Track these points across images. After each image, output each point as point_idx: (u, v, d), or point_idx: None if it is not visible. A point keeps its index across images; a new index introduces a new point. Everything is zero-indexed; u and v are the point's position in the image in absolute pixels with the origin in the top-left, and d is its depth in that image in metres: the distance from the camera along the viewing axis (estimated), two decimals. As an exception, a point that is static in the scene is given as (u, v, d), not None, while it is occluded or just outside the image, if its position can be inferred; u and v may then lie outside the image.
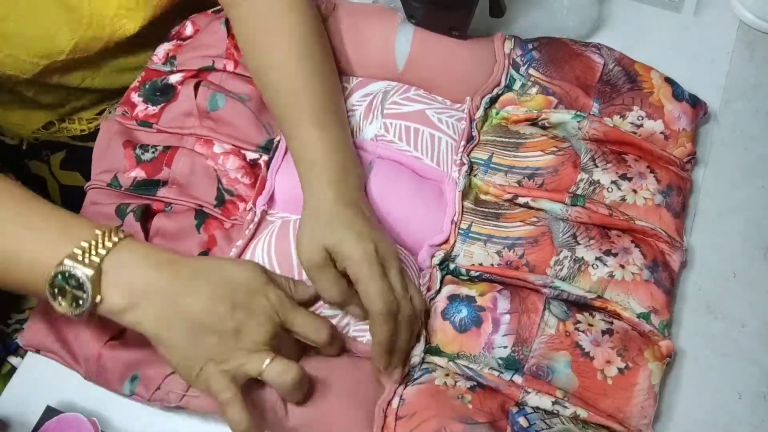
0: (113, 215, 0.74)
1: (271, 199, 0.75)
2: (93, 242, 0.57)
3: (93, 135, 0.87)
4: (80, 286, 0.56)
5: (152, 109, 0.79)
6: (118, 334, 0.69)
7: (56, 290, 0.57)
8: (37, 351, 0.71)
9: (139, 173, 0.75)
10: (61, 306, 0.57)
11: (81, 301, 0.56)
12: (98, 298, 0.57)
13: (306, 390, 0.63)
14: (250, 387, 0.63)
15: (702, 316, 0.74)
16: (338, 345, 0.66)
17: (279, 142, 0.76)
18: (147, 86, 0.80)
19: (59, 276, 0.56)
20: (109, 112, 0.90)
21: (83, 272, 0.55)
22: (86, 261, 0.56)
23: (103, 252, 0.57)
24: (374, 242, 0.64)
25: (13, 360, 0.83)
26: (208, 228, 0.74)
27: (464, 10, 0.75)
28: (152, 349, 0.63)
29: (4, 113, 0.88)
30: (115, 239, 0.59)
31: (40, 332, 0.70)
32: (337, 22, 0.81)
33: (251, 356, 0.59)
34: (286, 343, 0.63)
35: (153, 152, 0.76)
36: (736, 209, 0.80)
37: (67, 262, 0.56)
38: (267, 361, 0.59)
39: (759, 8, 0.90)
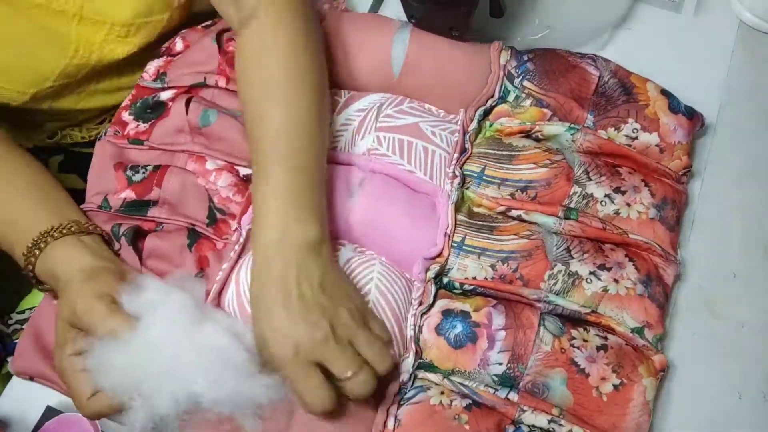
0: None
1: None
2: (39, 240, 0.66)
3: (92, 142, 0.86)
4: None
5: (143, 126, 0.79)
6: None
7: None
8: (31, 378, 0.70)
9: (129, 194, 0.74)
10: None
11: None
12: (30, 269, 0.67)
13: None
14: None
15: (702, 316, 0.75)
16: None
17: None
18: (138, 104, 0.79)
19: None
20: (109, 121, 0.89)
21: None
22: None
23: (44, 243, 0.66)
24: (296, 338, 0.60)
25: None
26: (200, 248, 0.73)
27: (464, 10, 0.74)
28: None
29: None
30: (55, 234, 0.67)
31: (33, 358, 0.69)
32: (333, 30, 0.80)
33: None
34: None
35: (143, 173, 0.75)
36: (736, 209, 0.80)
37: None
38: None
39: (759, 8, 0.90)
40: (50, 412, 0.69)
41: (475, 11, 0.75)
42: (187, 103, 0.77)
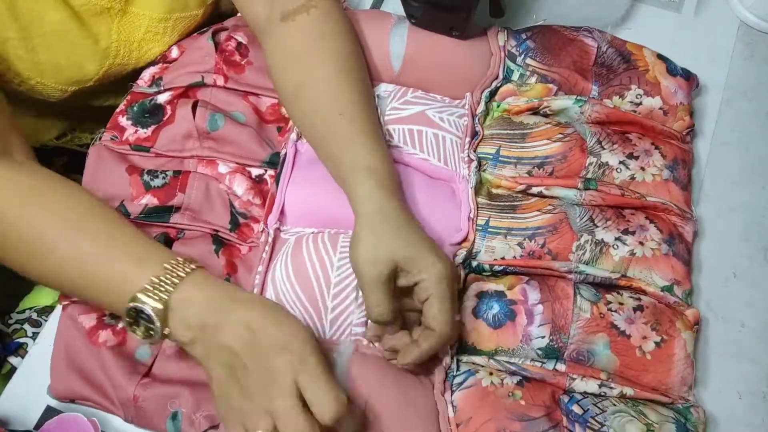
0: None
1: (281, 214, 0.75)
2: (163, 277, 0.60)
3: None
4: (150, 319, 0.59)
5: (143, 132, 0.78)
6: (147, 370, 0.69)
7: (131, 321, 0.60)
8: (72, 401, 0.69)
9: (150, 200, 0.74)
10: (137, 335, 0.61)
11: (153, 332, 0.60)
12: (167, 331, 0.60)
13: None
14: None
15: (702, 316, 0.75)
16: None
17: (285, 155, 0.76)
18: (135, 108, 0.79)
19: (132, 311, 0.60)
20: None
21: (152, 307, 0.59)
22: (156, 296, 0.59)
23: (171, 289, 0.60)
24: (447, 261, 0.63)
25: (13, 360, 0.83)
26: (227, 254, 0.73)
27: (464, 10, 0.75)
28: (186, 381, 0.67)
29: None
30: (183, 274, 0.60)
31: (70, 379, 0.68)
32: None
33: (265, 416, 0.57)
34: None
35: (164, 178, 0.75)
36: (736, 209, 0.82)
37: (140, 296, 0.59)
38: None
39: (759, 8, 0.92)
40: (50, 412, 0.69)
41: (475, 12, 0.77)
42: (193, 108, 0.77)
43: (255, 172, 0.77)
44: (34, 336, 0.84)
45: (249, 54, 0.81)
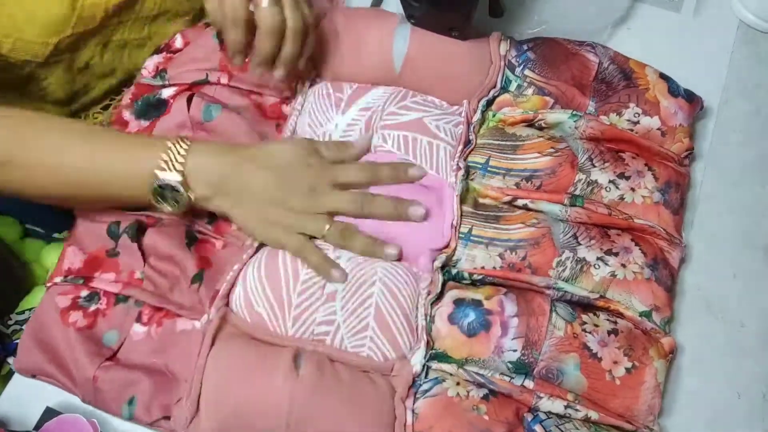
0: (105, 235, 0.74)
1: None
2: (171, 153, 0.70)
3: None
4: (175, 189, 0.70)
5: (145, 124, 0.80)
6: (112, 354, 0.70)
7: (159, 197, 0.71)
8: (33, 376, 0.71)
9: None
10: (166, 209, 0.72)
11: (179, 201, 0.71)
12: (191, 195, 0.71)
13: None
14: None
15: (702, 316, 0.77)
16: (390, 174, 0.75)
17: None
18: (139, 103, 0.80)
19: (158, 187, 0.70)
20: (114, 105, 0.91)
21: (175, 179, 0.70)
22: (173, 169, 0.70)
23: (182, 160, 0.70)
24: None
25: (13, 360, 0.84)
26: (200, 249, 0.75)
27: (464, 10, 0.76)
28: (147, 368, 0.69)
29: None
30: (186, 146, 0.71)
31: (35, 355, 0.70)
32: (334, 25, 0.82)
33: (308, 219, 0.73)
34: None
35: None
36: (736, 209, 0.82)
37: (159, 173, 0.69)
38: (326, 226, 0.72)
39: (759, 8, 0.92)
40: (50, 413, 0.70)
41: (475, 12, 0.77)
42: (189, 99, 0.78)
43: None
44: (34, 336, 0.86)
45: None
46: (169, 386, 0.68)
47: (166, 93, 0.80)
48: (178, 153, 0.70)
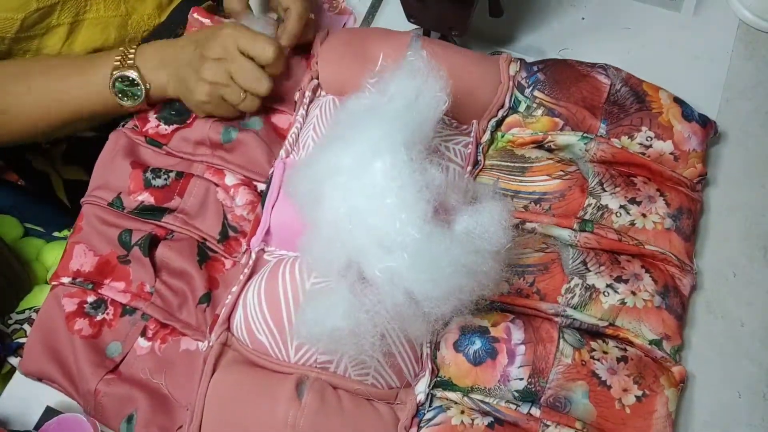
0: (115, 242, 0.77)
1: (267, 235, 0.77)
2: (121, 56, 0.80)
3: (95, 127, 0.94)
4: (133, 82, 0.80)
5: (164, 129, 0.83)
6: (114, 366, 0.72)
7: (119, 94, 0.80)
8: (39, 379, 0.73)
9: (147, 198, 0.78)
10: (127, 102, 0.81)
11: (139, 93, 0.81)
12: (148, 86, 0.81)
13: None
14: None
15: (702, 316, 0.78)
16: (281, 63, 0.80)
17: (272, 176, 0.78)
18: (164, 107, 0.83)
19: (118, 80, 0.80)
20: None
21: (131, 73, 0.80)
22: (128, 66, 0.80)
23: (132, 57, 0.80)
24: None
25: (13, 360, 0.86)
26: (210, 268, 0.76)
27: (464, 10, 0.78)
28: (148, 387, 0.71)
29: None
30: (132, 50, 0.81)
31: (42, 359, 0.72)
32: (344, 44, 0.83)
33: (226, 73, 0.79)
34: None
35: (165, 179, 0.78)
36: (736, 209, 0.84)
37: (116, 72, 0.79)
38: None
39: (759, 7, 0.94)
40: (50, 413, 0.72)
41: (474, 11, 0.79)
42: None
43: (261, 187, 0.80)
44: (34, 336, 0.87)
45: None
46: (169, 408, 0.69)
47: None
48: (127, 54, 0.80)
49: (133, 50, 0.81)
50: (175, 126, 0.83)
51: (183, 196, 0.78)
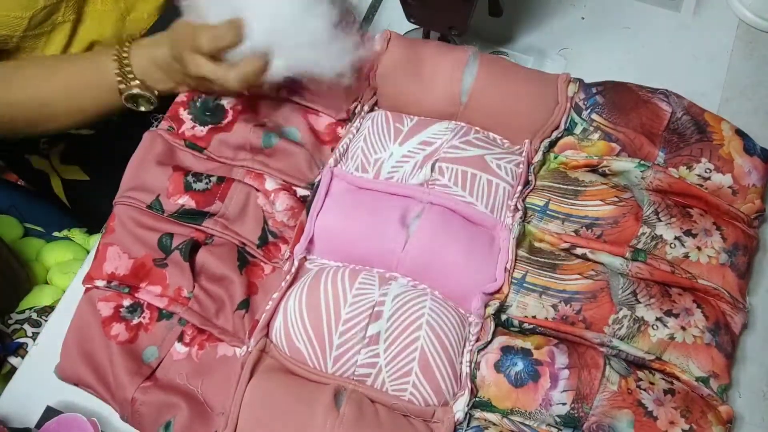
0: (152, 245, 0.77)
1: (310, 243, 0.77)
2: (122, 68, 0.81)
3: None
4: (145, 96, 0.82)
5: (200, 130, 0.82)
6: (151, 372, 0.72)
7: (134, 104, 0.83)
8: (76, 384, 0.73)
9: (188, 201, 0.78)
10: (143, 108, 0.84)
11: (150, 100, 0.83)
12: (156, 92, 0.82)
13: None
14: None
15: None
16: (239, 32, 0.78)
17: (318, 183, 0.78)
18: (198, 104, 0.83)
19: (130, 100, 0.83)
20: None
21: (137, 91, 0.82)
22: (129, 82, 0.81)
23: (132, 70, 0.81)
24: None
25: (13, 360, 0.87)
26: (250, 273, 0.76)
27: (463, 9, 0.78)
28: (185, 393, 0.70)
29: None
30: (126, 53, 0.81)
31: (79, 365, 0.72)
32: (403, 59, 0.83)
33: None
34: None
35: (206, 183, 0.79)
36: None
37: (122, 89, 0.82)
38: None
39: (758, 7, 0.94)
40: (50, 413, 0.73)
41: (474, 11, 0.79)
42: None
43: (301, 192, 0.80)
44: (34, 336, 0.88)
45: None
46: (205, 415, 0.69)
47: (226, 99, 0.83)
48: (125, 62, 0.81)
49: (127, 56, 0.82)
50: (210, 126, 0.83)
51: (224, 200, 0.78)
